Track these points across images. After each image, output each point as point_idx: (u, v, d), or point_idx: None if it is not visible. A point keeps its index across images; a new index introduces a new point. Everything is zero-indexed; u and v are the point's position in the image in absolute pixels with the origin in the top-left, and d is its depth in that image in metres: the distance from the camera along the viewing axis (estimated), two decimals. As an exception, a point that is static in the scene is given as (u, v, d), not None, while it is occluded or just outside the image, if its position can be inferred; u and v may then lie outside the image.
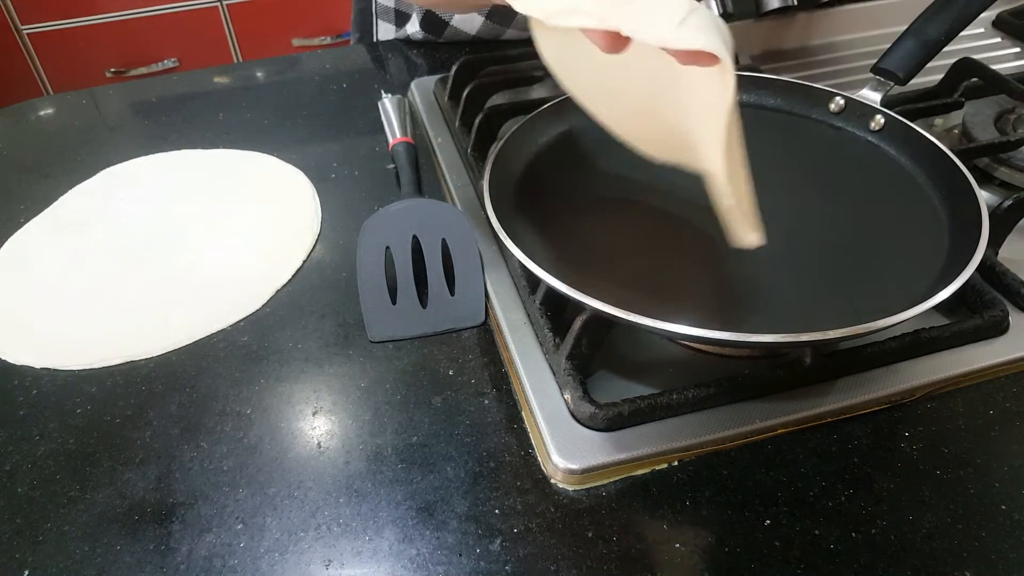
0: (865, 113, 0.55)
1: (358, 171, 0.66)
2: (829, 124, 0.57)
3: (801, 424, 0.42)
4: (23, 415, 0.45)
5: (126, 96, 0.80)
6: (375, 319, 0.50)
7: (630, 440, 0.40)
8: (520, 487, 0.40)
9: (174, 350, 0.49)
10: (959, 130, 0.63)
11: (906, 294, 0.40)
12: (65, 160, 0.69)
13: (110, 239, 0.59)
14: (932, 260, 0.44)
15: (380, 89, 0.77)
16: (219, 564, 0.37)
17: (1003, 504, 0.38)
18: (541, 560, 0.36)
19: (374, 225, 0.55)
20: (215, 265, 0.56)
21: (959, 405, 0.43)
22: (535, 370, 0.44)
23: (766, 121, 0.58)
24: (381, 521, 0.39)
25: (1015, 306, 0.47)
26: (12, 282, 0.55)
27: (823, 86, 0.57)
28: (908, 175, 0.51)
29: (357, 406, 0.45)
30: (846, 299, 0.43)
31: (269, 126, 0.73)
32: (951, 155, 0.47)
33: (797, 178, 0.52)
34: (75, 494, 0.40)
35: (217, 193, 0.63)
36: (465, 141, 0.64)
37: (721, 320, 0.40)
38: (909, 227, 0.47)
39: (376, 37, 0.92)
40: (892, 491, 0.38)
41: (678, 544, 0.37)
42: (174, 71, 1.93)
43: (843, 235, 0.47)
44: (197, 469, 0.41)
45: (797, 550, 0.36)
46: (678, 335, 0.38)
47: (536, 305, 0.47)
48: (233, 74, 0.84)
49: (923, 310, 0.37)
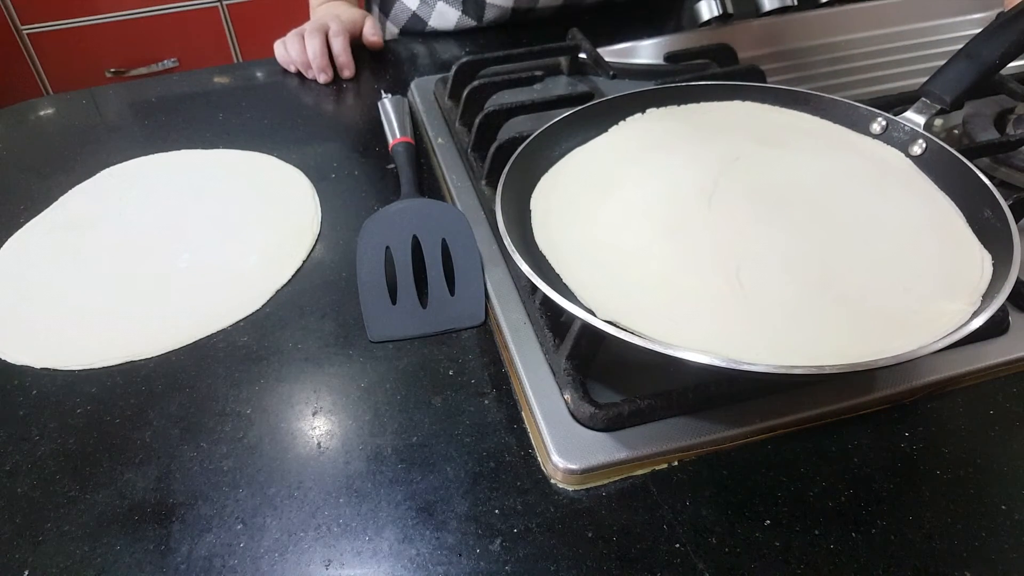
0: (907, 136, 0.52)
1: (358, 171, 0.66)
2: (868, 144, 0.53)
3: (801, 424, 0.42)
4: (23, 415, 0.45)
5: (126, 96, 0.80)
6: (375, 319, 0.50)
7: (630, 440, 0.40)
8: (520, 487, 0.40)
9: (174, 350, 0.49)
10: (959, 130, 0.63)
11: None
12: (65, 160, 0.69)
13: (110, 239, 0.59)
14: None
15: (380, 89, 0.77)
16: (219, 564, 0.37)
17: (1003, 504, 0.38)
18: (541, 560, 0.36)
19: (374, 225, 0.55)
20: (215, 265, 0.56)
21: (959, 405, 0.43)
22: (535, 370, 0.44)
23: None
24: (381, 521, 0.39)
25: (1015, 306, 0.47)
26: (12, 282, 0.55)
27: (865, 105, 0.54)
28: (943, 202, 0.48)
29: (357, 406, 0.45)
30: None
31: (269, 126, 0.73)
32: (993, 189, 0.44)
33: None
34: (75, 494, 0.40)
35: (217, 193, 0.63)
36: (465, 141, 0.64)
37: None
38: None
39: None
40: (892, 491, 0.39)
41: (678, 544, 0.37)
42: (174, 71, 1.93)
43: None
44: (197, 469, 0.41)
45: (797, 550, 0.36)
46: (672, 359, 0.36)
47: (536, 305, 0.47)
48: (233, 74, 0.84)
49: (940, 346, 0.35)
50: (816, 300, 0.41)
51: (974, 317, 0.37)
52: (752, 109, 0.57)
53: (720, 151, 0.52)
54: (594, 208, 0.48)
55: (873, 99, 0.59)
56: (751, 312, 0.40)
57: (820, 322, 0.39)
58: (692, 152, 0.52)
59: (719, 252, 0.44)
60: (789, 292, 0.41)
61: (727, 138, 0.54)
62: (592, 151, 0.54)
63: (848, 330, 0.39)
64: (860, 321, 0.39)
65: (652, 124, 0.56)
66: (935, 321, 0.38)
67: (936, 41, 0.80)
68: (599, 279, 0.43)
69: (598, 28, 0.81)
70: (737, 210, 0.47)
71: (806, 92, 0.56)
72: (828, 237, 0.45)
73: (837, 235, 0.45)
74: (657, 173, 0.51)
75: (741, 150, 0.52)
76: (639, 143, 0.54)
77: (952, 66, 0.54)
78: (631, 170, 0.51)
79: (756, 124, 0.56)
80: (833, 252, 0.44)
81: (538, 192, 0.50)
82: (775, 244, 0.45)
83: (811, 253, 0.44)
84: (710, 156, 0.52)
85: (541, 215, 0.48)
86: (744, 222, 0.46)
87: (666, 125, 0.56)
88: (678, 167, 0.51)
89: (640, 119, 0.56)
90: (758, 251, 0.44)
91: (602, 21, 0.92)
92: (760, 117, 0.56)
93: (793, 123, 0.56)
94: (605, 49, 0.75)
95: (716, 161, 0.51)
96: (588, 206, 0.49)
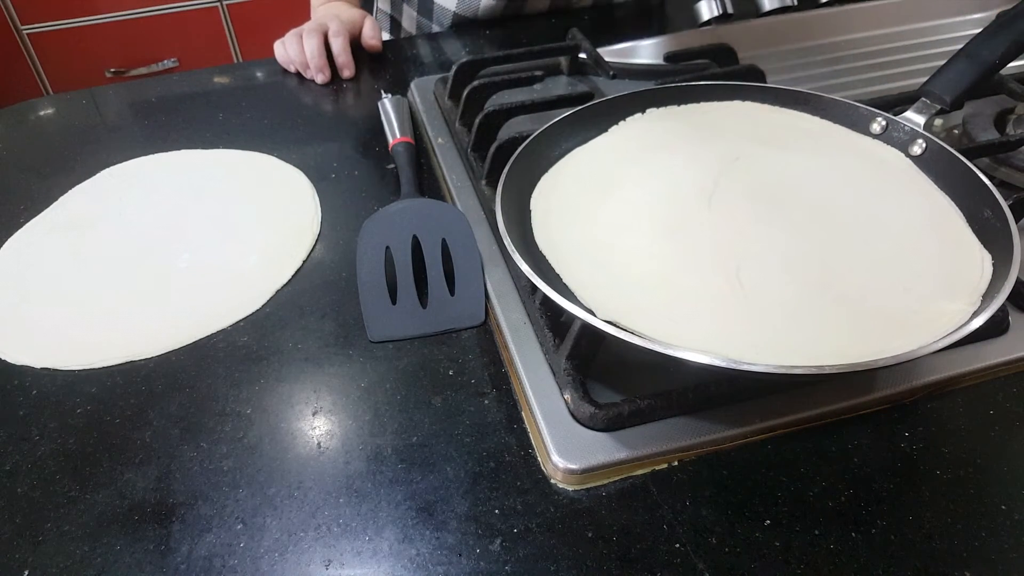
0: (907, 136, 0.52)
1: (358, 171, 0.66)
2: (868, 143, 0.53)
3: (801, 424, 0.42)
4: (23, 415, 0.45)
5: (126, 96, 0.80)
6: (375, 319, 0.50)
7: (630, 440, 0.40)
8: (520, 487, 0.40)
9: (174, 350, 0.49)
10: (959, 130, 0.63)
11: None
12: (65, 160, 0.69)
13: (110, 239, 0.59)
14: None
15: (380, 89, 0.77)
16: (219, 564, 0.37)
17: (1003, 504, 0.38)
18: (541, 560, 0.36)
19: (374, 225, 0.55)
20: (215, 265, 0.56)
21: (959, 405, 0.43)
22: (535, 370, 0.44)
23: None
24: (381, 521, 0.39)
25: (1015, 306, 0.47)
26: (12, 282, 0.55)
27: (865, 105, 0.54)
28: (943, 202, 0.47)
29: (357, 406, 0.45)
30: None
31: (269, 126, 0.73)
32: (993, 189, 0.44)
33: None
34: (75, 494, 0.40)
35: (217, 193, 0.63)
36: (465, 141, 0.64)
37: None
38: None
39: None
40: (892, 491, 0.38)
41: (678, 544, 0.37)
42: (174, 71, 1.93)
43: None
44: (197, 469, 0.41)
45: (797, 550, 0.36)
46: (673, 359, 0.36)
47: (536, 305, 0.47)
48: (233, 74, 0.84)
49: (940, 346, 0.35)
50: (816, 300, 0.41)
51: (974, 317, 0.37)
52: (752, 109, 0.57)
53: (720, 151, 0.52)
54: (594, 208, 0.48)
55: (873, 99, 0.59)
56: (751, 312, 0.40)
57: (820, 322, 0.39)
58: (692, 152, 0.52)
59: (719, 252, 0.44)
60: (789, 292, 0.41)
61: (727, 138, 0.54)
62: (592, 151, 0.54)
63: (848, 330, 0.39)
64: (860, 321, 0.39)
65: (652, 124, 0.56)
66: (935, 321, 0.38)
67: (936, 41, 0.81)
68: (599, 279, 0.43)
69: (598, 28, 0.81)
70: (737, 210, 0.47)
71: (806, 92, 0.56)
72: (828, 237, 0.45)
73: (837, 235, 0.45)
74: (657, 173, 0.51)
75: (741, 150, 0.52)
76: (639, 143, 0.54)
77: (952, 66, 0.54)
78: (631, 170, 0.51)
79: (756, 124, 0.56)
80: (833, 252, 0.44)
81: (538, 192, 0.50)
82: (775, 244, 0.45)
83: (811, 253, 0.44)
84: (710, 156, 0.52)
85: (541, 215, 0.48)
86: (744, 222, 0.46)
87: (666, 125, 0.56)
88: (678, 167, 0.51)
89: (640, 119, 0.56)
90: (758, 251, 0.44)
91: (602, 21, 0.92)
92: (760, 117, 0.56)
93: (793, 123, 0.56)
94: (605, 49, 0.75)
95: (716, 161, 0.51)
96: (588, 206, 0.49)
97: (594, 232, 0.46)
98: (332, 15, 0.85)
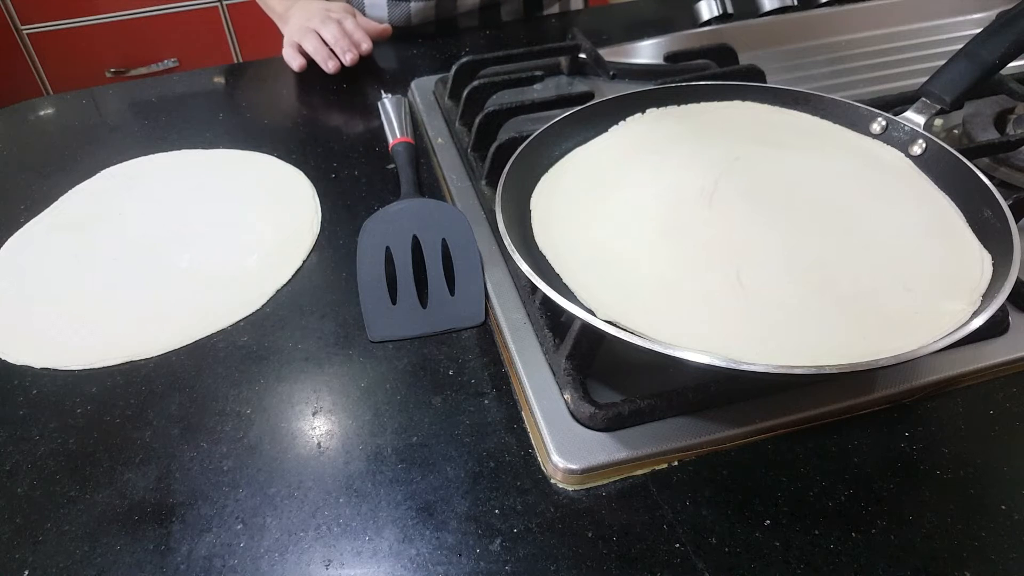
0: (907, 137, 0.52)
1: (358, 171, 0.66)
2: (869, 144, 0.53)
3: (801, 424, 0.42)
4: (23, 415, 0.45)
5: (126, 96, 0.80)
6: (375, 319, 0.50)
7: (630, 440, 0.40)
8: (520, 487, 0.40)
9: (174, 350, 0.49)
10: (959, 130, 0.63)
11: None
12: (65, 160, 0.69)
13: (110, 239, 0.59)
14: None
15: (380, 89, 0.77)
16: (219, 564, 0.37)
17: (1003, 504, 0.38)
18: (541, 560, 0.36)
19: (374, 225, 0.55)
20: (215, 265, 0.56)
21: (959, 405, 0.43)
22: (535, 370, 0.44)
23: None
24: (381, 521, 0.39)
25: (1015, 306, 0.47)
26: (12, 282, 0.55)
27: (865, 105, 0.54)
28: (943, 202, 0.47)
29: (357, 406, 0.45)
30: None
31: (269, 126, 0.73)
32: (993, 189, 0.44)
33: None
34: (75, 494, 0.40)
35: (217, 193, 0.63)
36: (465, 141, 0.64)
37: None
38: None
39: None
40: (892, 491, 0.38)
41: (678, 544, 0.37)
42: (174, 71, 1.93)
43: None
44: (197, 469, 0.41)
45: (797, 550, 0.36)
46: (672, 359, 0.36)
47: (536, 305, 0.47)
48: (233, 74, 0.84)
49: (940, 346, 0.35)
50: (816, 300, 0.41)
51: (974, 317, 0.37)
52: (752, 109, 0.57)
53: (720, 151, 0.52)
54: (594, 208, 0.48)
55: (873, 99, 0.59)
56: (751, 312, 0.40)
57: (820, 322, 0.39)
58: (692, 152, 0.52)
59: (719, 252, 0.44)
60: (789, 292, 0.41)
61: (727, 138, 0.54)
62: (592, 151, 0.54)
63: (848, 330, 0.39)
64: (860, 321, 0.39)
65: (652, 124, 0.56)
66: (935, 321, 0.38)
67: (936, 41, 0.81)
68: (599, 279, 0.43)
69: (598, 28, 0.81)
70: (737, 210, 0.47)
71: (806, 92, 0.56)
72: (828, 237, 0.45)
73: (837, 235, 0.45)
74: (657, 173, 0.51)
75: (741, 150, 0.52)
76: (639, 143, 0.54)
77: (952, 66, 0.54)
78: (631, 170, 0.51)
79: (756, 124, 0.56)
80: (833, 252, 0.44)
81: (538, 192, 0.50)
82: (775, 244, 0.44)
83: (811, 253, 0.44)
84: (710, 156, 0.52)
85: (541, 215, 0.48)
86: (744, 222, 0.46)
87: (666, 125, 0.56)
88: (678, 167, 0.51)
89: (640, 119, 0.56)
90: (758, 251, 0.44)
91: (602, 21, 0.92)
92: (760, 117, 0.56)
93: (793, 123, 0.56)
94: (605, 49, 0.75)
95: (716, 161, 0.51)
96: (588, 206, 0.49)
97: (594, 232, 0.46)
98: (319, 8, 0.84)
